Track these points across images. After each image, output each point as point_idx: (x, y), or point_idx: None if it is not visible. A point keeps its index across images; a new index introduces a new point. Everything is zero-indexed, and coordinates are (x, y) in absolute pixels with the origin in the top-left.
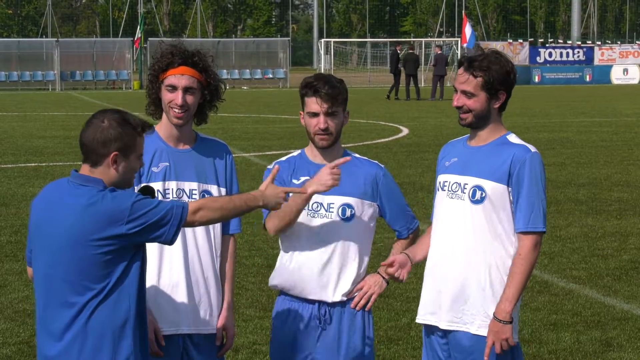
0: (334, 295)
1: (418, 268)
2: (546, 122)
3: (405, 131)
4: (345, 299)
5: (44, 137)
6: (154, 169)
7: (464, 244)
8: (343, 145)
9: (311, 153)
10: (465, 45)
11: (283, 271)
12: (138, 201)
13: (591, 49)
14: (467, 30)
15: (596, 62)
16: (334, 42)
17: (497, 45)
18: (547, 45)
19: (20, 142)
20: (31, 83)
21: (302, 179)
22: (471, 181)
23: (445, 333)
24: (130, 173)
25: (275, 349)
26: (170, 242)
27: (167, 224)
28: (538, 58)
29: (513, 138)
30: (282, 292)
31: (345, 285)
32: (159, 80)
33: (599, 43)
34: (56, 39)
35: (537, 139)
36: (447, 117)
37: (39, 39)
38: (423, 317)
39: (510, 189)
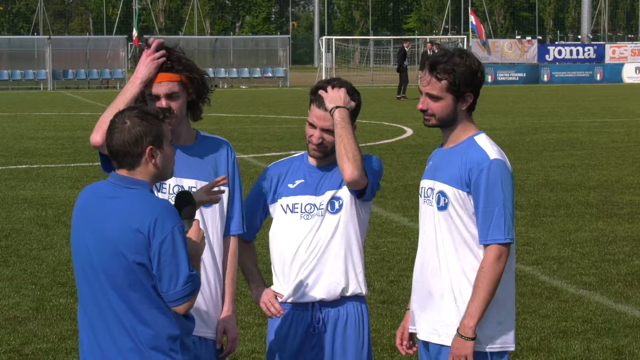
0: (334, 293)
1: None
2: (555, 123)
3: (409, 132)
4: (346, 294)
5: (35, 138)
6: None
7: (433, 251)
8: None
9: (312, 157)
10: (482, 40)
11: (286, 282)
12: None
13: (602, 47)
14: (473, 23)
15: (607, 60)
16: (336, 39)
17: (505, 43)
18: (556, 42)
19: (11, 143)
20: (22, 82)
21: (297, 182)
22: (437, 186)
23: (426, 343)
24: (168, 161)
25: (272, 357)
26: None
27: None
28: (547, 56)
29: (481, 139)
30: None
31: (347, 279)
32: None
33: (611, 35)
34: (48, 37)
35: (546, 140)
36: None
37: (30, 37)
38: (412, 327)
39: (471, 195)
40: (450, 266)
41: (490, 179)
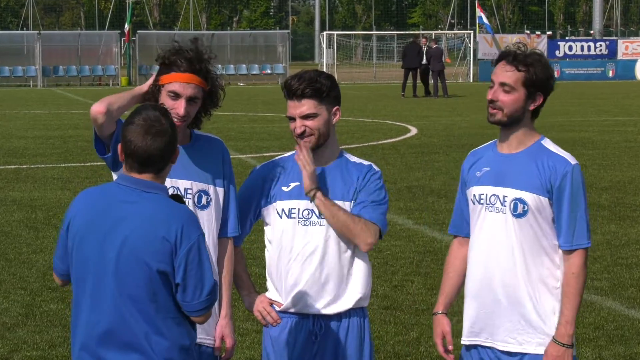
0: (339, 308)
1: (427, 278)
2: (566, 121)
3: (413, 131)
4: (351, 306)
5: (24, 137)
6: None
7: (510, 259)
8: (346, 147)
9: None
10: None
11: (284, 291)
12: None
13: (614, 42)
14: (479, 20)
15: (619, 56)
16: (337, 35)
17: (513, 38)
18: (566, 38)
19: None
20: (11, 79)
21: (292, 185)
22: (511, 193)
23: (498, 354)
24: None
25: None
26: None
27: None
28: (557, 52)
29: (549, 144)
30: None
31: (351, 293)
32: (160, 83)
33: (624, 30)
34: (38, 32)
35: (556, 139)
36: (459, 116)
37: (19, 32)
38: (472, 338)
39: (552, 201)
40: (527, 273)
41: (575, 184)
